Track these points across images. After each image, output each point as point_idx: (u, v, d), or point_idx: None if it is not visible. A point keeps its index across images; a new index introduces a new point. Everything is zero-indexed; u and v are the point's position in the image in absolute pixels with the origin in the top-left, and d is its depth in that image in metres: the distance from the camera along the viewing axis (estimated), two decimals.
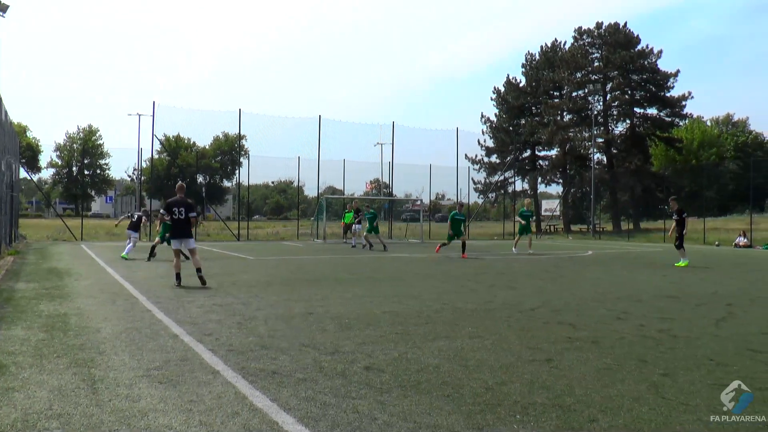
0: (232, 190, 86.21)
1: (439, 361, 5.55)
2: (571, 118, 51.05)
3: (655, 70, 49.36)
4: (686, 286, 12.21)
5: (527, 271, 15.35)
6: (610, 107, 50.18)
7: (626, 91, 49.60)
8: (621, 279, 13.52)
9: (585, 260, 19.51)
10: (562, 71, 50.50)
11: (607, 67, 49.12)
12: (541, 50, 55.15)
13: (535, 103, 54.01)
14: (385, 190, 44.42)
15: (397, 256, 20.19)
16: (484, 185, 52.34)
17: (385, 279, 12.91)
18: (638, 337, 6.76)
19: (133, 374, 4.96)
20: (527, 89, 54.13)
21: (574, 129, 50.51)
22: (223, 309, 8.38)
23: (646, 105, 50.40)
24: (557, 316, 8.16)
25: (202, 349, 5.87)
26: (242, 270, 14.62)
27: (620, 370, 5.33)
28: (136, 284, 11.23)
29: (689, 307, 9.26)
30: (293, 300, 9.35)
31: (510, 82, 54.81)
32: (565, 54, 51.93)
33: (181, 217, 11.16)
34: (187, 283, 11.14)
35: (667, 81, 49.35)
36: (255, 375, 4.99)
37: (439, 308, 8.69)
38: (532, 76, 54.24)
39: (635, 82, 49.79)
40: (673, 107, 49.52)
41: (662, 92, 49.65)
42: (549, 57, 53.98)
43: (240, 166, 58.70)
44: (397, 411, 4.17)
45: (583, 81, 50.27)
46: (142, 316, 7.72)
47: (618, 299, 9.98)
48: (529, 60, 55.43)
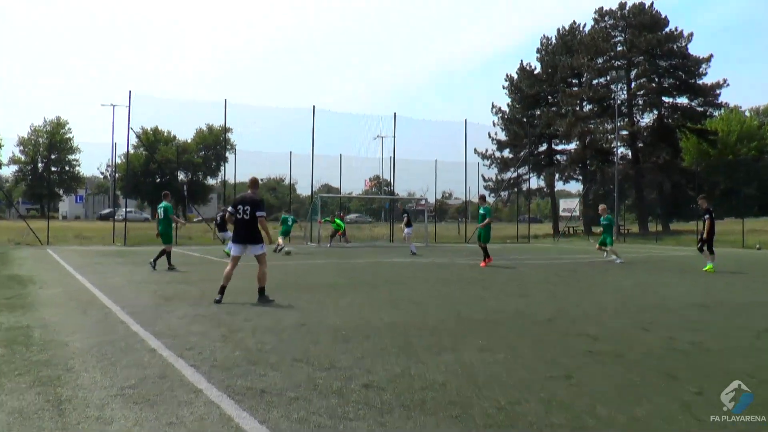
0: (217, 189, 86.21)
1: (445, 377, 5.53)
2: (592, 108, 51.04)
3: (686, 55, 49.30)
4: (721, 293, 12.20)
5: (541, 276, 15.33)
6: (635, 96, 50.15)
7: (653, 79, 49.58)
8: (647, 286, 13.50)
9: (607, 265, 19.50)
10: (582, 57, 50.49)
11: (632, 51, 49.08)
12: (558, 34, 55.22)
13: (551, 91, 54.04)
14: (386, 189, 44.44)
15: (398, 261, 20.19)
16: (496, 183, 52.36)
17: (385, 285, 12.91)
18: (667, 351, 6.74)
19: (105, 393, 4.94)
20: (543, 77, 54.16)
21: (595, 120, 50.51)
22: (207, 320, 8.36)
23: (675, 94, 50.36)
24: (576, 326, 8.14)
25: (182, 365, 5.85)
26: None
27: (647, 387, 5.31)
28: (110, 292, 11.21)
29: (724, 317, 9.24)
30: (284, 309, 9.34)
31: (524, 68, 54.86)
32: (585, 38, 51.94)
33: (246, 217, 10.20)
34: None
35: (698, 67, 49.26)
36: (242, 394, 4.97)
37: (445, 318, 8.68)
38: (548, 62, 54.27)
39: (663, 69, 49.75)
40: (706, 96, 49.43)
41: (693, 79, 49.57)
42: (567, 41, 54.01)
43: (226, 161, 58.86)
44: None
45: (604, 67, 50.27)
46: (115, 328, 7.70)
47: (644, 308, 9.96)
48: (544, 45, 55.47)
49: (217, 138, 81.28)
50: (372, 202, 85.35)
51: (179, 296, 10.78)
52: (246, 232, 10.31)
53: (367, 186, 57.94)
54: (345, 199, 47.34)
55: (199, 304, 9.87)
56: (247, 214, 10.20)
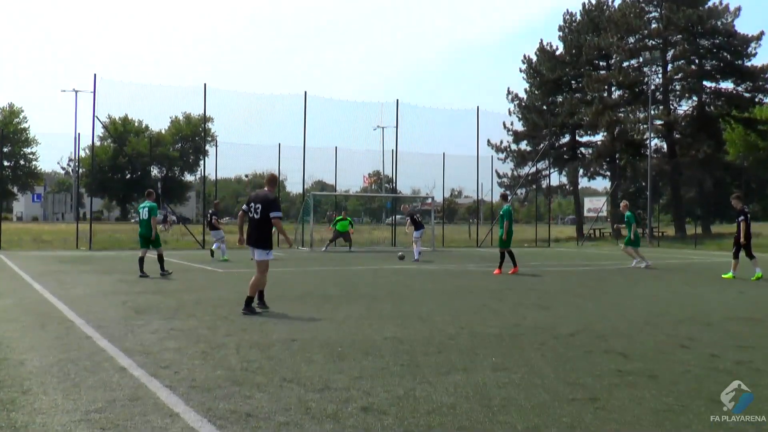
0: (196, 186, 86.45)
1: (454, 399, 5.55)
2: (622, 94, 51.05)
3: (731, 32, 49.14)
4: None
5: (563, 286, 15.36)
6: (671, 81, 50.16)
7: (693, 60, 49.56)
8: (684, 297, 13.52)
9: (638, 273, 19.51)
10: (611, 35, 50.46)
11: (668, 29, 49.07)
12: (583, 8, 55.19)
13: (575, 75, 54.00)
14: (387, 186, 44.47)
15: (401, 268, 20.20)
16: (512, 179, 52.34)
17: (386, 296, 12.94)
18: (708, 371, 6.76)
19: (68, 419, 4.95)
20: (566, 58, 54.13)
21: (626, 108, 50.51)
22: (184, 335, 8.39)
23: (718, 77, 50.28)
24: (603, 343, 8.17)
25: (157, 386, 5.87)
26: (208, 285, 14.62)
27: (686, 412, 5.32)
28: (73, 304, 11.23)
29: None
30: (272, 323, 9.35)
31: (544, 49, 54.82)
32: (615, 13, 51.93)
33: (256, 217, 10.37)
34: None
35: (746, 46, 49.10)
36: (224, 418, 4.99)
37: (454, 333, 8.70)
38: (572, 41, 54.26)
39: (705, 49, 49.71)
40: (755, 80, 49.31)
41: (740, 61, 49.46)
42: (593, 17, 53.99)
43: (205, 155, 58.82)
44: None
45: (637, 48, 50.26)
46: (79, 344, 7.73)
47: (680, 322, 9.98)
48: (568, 21, 55.47)
49: (196, 128, 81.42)
50: (371, 201, 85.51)
51: (153, 308, 10.79)
52: (253, 232, 10.51)
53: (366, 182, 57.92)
54: (341, 197, 47.34)
55: (175, 317, 9.88)
56: (258, 213, 10.37)
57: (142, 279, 15.70)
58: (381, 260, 24.49)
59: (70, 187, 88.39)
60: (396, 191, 42.04)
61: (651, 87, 46.08)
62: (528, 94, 55.13)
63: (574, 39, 54.13)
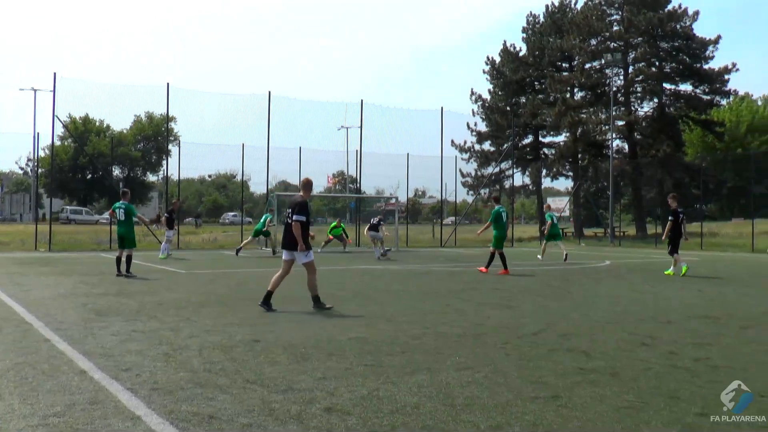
0: (158, 186, 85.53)
1: (418, 399, 5.56)
2: (584, 95, 51.56)
3: (690, 36, 49.83)
4: (728, 304, 12.41)
5: (527, 286, 15.45)
6: (632, 82, 50.73)
7: (653, 63, 50.15)
8: (646, 295, 13.67)
9: (600, 272, 19.72)
10: (573, 37, 50.94)
11: (630, 32, 49.63)
12: (546, 11, 55.67)
13: (538, 77, 54.46)
14: (352, 186, 44.45)
15: (367, 269, 20.20)
16: (475, 179, 52.62)
17: (351, 297, 12.92)
18: (668, 368, 6.85)
19: (25, 423, 4.87)
20: (529, 60, 54.56)
21: (588, 109, 51.01)
22: (146, 336, 8.31)
23: (678, 80, 50.92)
24: (565, 341, 8.24)
25: (117, 389, 5.81)
26: (170, 287, 14.49)
27: (646, 408, 5.38)
28: (31, 306, 11.07)
29: (732, 330, 9.39)
30: (235, 324, 9.29)
31: (507, 50, 55.19)
32: (577, 16, 52.42)
33: (289, 221, 11.02)
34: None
35: (704, 50, 49.82)
36: (187, 420, 4.95)
37: (419, 333, 8.71)
38: (535, 43, 54.70)
39: (664, 52, 50.34)
40: (713, 82, 50.00)
41: (698, 64, 50.14)
42: (556, 19, 54.48)
43: (168, 155, 58.14)
44: None
45: (599, 50, 50.72)
46: (37, 348, 7.61)
47: (642, 321, 10.10)
48: (531, 23, 55.92)
49: (158, 128, 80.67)
50: (335, 201, 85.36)
51: (114, 310, 10.67)
52: (286, 236, 11.15)
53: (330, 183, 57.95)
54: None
55: (137, 318, 9.79)
56: (290, 218, 10.97)
57: (104, 280, 15.54)
58: (346, 261, 24.48)
59: (28, 187, 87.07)
60: (360, 191, 42.07)
61: (612, 88, 46.59)
62: (491, 95, 55.50)
63: (537, 41, 54.59)
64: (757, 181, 45.08)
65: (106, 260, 16.54)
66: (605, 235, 46.41)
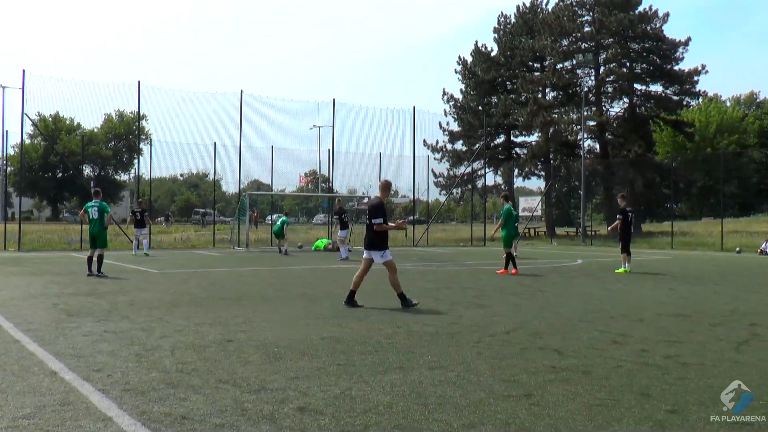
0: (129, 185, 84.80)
1: (391, 398, 5.58)
2: (556, 96, 51.83)
3: (660, 37, 50.25)
4: (698, 302, 12.54)
5: (499, 285, 15.52)
6: (603, 83, 51.10)
7: (624, 63, 50.51)
8: (617, 294, 13.79)
9: (572, 271, 19.85)
10: (545, 38, 51.21)
11: (601, 33, 49.97)
12: (517, 11, 55.88)
13: (510, 77, 54.70)
14: (324, 185, 44.36)
15: (339, 268, 20.18)
16: (447, 179, 52.75)
17: (323, 296, 12.91)
18: (639, 365, 6.91)
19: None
20: (500, 60, 54.77)
21: (559, 109, 51.27)
22: (117, 337, 8.25)
23: (648, 80, 51.30)
24: (538, 340, 8.29)
25: (89, 390, 5.76)
26: (142, 287, 14.39)
27: (617, 406, 5.43)
28: (0, 307, 10.96)
29: (702, 327, 9.50)
30: (207, 324, 9.26)
31: (479, 50, 55.37)
32: (548, 16, 52.66)
33: (367, 222, 11.51)
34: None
35: (675, 51, 50.28)
36: (159, 421, 4.92)
37: (391, 332, 8.73)
38: (506, 43, 54.88)
39: (635, 53, 50.72)
40: (683, 83, 50.46)
41: (669, 65, 50.59)
42: (528, 20, 54.75)
43: (140, 154, 57.68)
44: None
45: (570, 50, 51.05)
46: (7, 349, 7.54)
47: (613, 319, 10.19)
48: (502, 23, 56.10)
49: (130, 126, 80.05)
50: (308, 201, 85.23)
51: (85, 310, 10.58)
52: (367, 237, 11.57)
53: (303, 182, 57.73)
54: (277, 197, 47.08)
55: (109, 319, 9.71)
56: (369, 219, 11.43)
57: (75, 280, 15.40)
58: (318, 260, 24.43)
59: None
60: (332, 191, 41.98)
61: (584, 89, 46.91)
62: (463, 95, 55.64)
63: (508, 41, 54.78)
64: (726, 181, 45.68)
65: (77, 260, 16.37)
66: (577, 234, 46.71)
